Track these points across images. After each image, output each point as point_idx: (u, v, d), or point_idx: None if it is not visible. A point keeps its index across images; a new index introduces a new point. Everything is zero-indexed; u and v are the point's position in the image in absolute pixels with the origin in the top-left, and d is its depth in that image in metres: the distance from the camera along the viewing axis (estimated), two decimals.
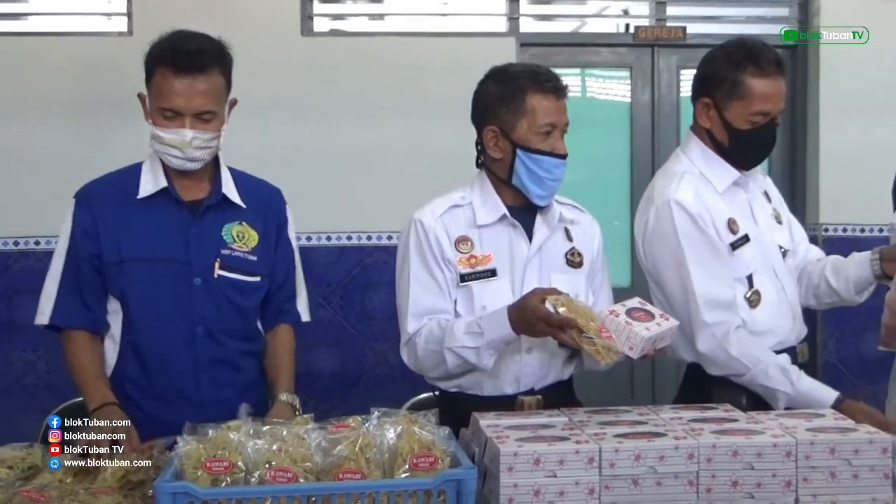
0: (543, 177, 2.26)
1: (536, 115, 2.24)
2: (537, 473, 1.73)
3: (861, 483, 1.80)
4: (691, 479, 1.77)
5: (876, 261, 2.40)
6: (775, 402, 2.28)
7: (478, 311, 2.23)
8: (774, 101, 2.37)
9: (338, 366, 4.59)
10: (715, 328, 2.30)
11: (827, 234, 4.85)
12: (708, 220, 2.37)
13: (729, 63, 2.38)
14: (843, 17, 4.86)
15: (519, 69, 2.31)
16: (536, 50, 4.91)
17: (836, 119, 4.85)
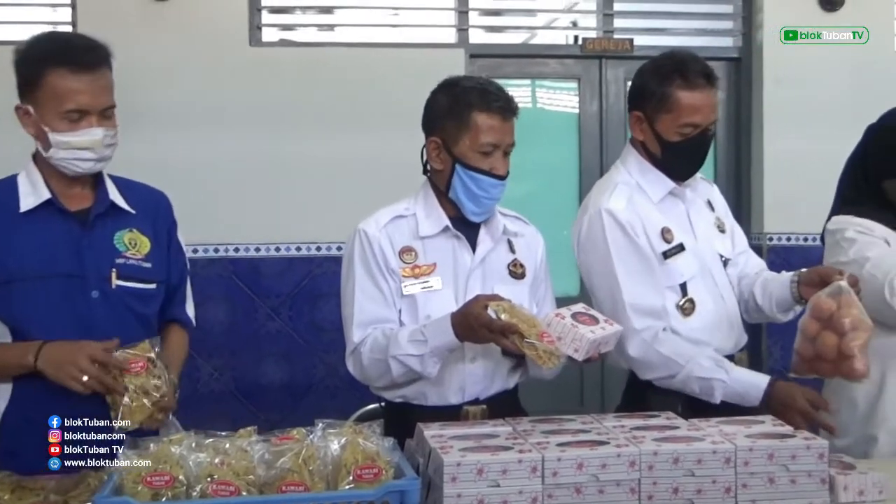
0: (479, 195, 2.27)
1: (479, 134, 2.24)
2: (481, 483, 1.73)
3: (798, 488, 1.83)
4: (633, 486, 1.79)
5: (795, 283, 2.41)
6: (713, 395, 2.30)
7: (422, 320, 2.23)
8: (704, 113, 2.40)
9: (287, 377, 4.57)
10: (644, 333, 2.34)
11: (771, 242, 4.93)
12: (639, 230, 2.40)
13: (658, 76, 2.41)
14: (785, 29, 4.96)
15: (471, 84, 2.30)
16: (485, 61, 4.94)
17: (780, 129, 4.94)
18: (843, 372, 2.11)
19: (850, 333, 2.08)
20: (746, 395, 2.29)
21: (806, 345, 2.15)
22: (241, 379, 4.51)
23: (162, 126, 4.44)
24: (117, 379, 2.03)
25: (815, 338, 2.13)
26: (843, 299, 2.12)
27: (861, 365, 2.08)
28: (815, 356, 2.15)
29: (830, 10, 4.97)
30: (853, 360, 2.07)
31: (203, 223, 4.43)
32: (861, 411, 2.50)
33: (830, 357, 2.09)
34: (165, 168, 3.23)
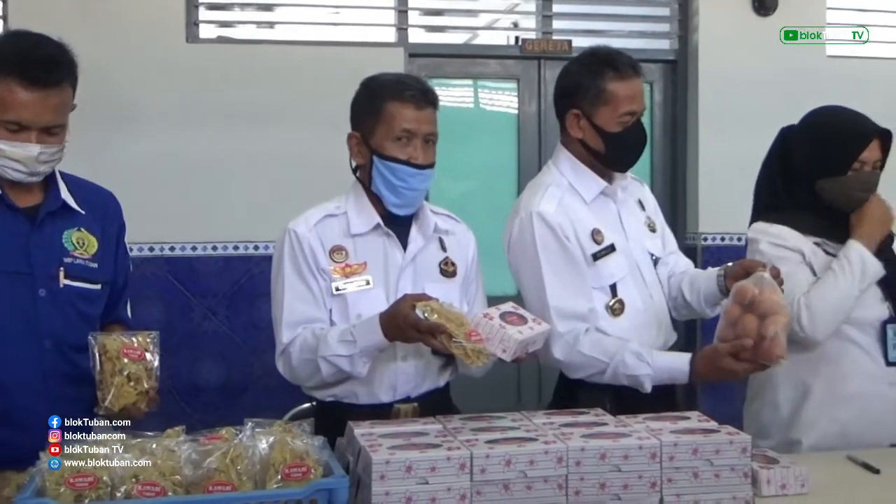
0: (398, 185, 2.28)
1: (392, 122, 2.26)
2: (409, 481, 1.74)
3: (722, 482, 1.87)
4: (560, 482, 1.80)
5: (721, 277, 2.47)
6: (642, 387, 2.34)
7: (353, 319, 2.23)
8: (638, 101, 2.47)
9: (224, 377, 4.52)
10: (567, 336, 2.37)
11: (706, 242, 5.01)
12: (569, 232, 2.42)
13: (589, 72, 2.46)
14: (720, 32, 5.05)
15: (386, 77, 2.33)
16: (425, 61, 4.95)
17: (715, 130, 5.01)
18: (762, 353, 2.15)
19: (770, 317, 2.13)
20: (674, 378, 2.35)
21: (727, 329, 2.20)
22: (176, 379, 4.44)
23: (95, 123, 4.33)
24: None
25: (736, 322, 2.17)
26: (765, 287, 2.18)
27: (779, 347, 2.13)
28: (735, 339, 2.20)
29: (763, 14, 5.07)
30: (771, 342, 2.12)
31: (138, 222, 4.25)
32: (784, 415, 2.56)
33: (752, 337, 2.14)
34: (98, 165, 3.16)
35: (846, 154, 2.50)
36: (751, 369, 2.23)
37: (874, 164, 2.53)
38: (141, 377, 2.05)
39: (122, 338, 2.06)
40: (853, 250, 2.47)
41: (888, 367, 2.52)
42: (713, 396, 4.60)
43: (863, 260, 2.46)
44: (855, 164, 2.50)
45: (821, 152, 2.53)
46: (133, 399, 2.04)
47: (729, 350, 2.19)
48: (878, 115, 2.62)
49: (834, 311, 2.44)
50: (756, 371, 2.25)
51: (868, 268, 2.46)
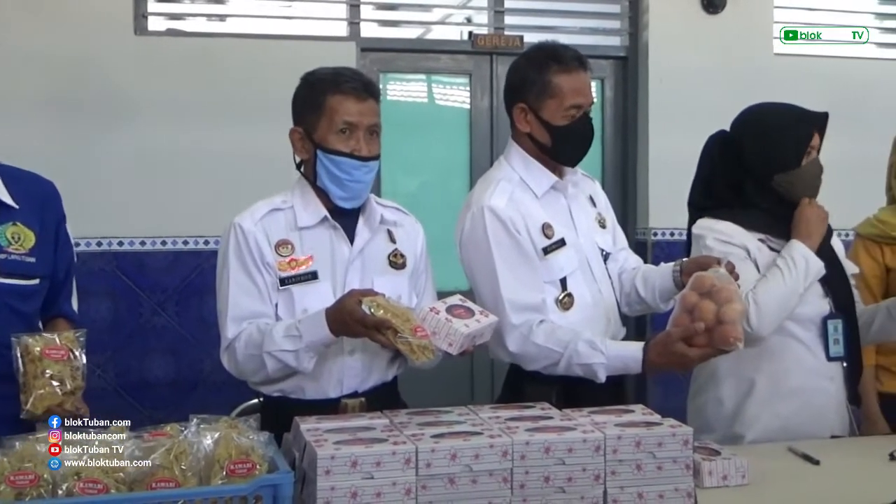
0: (343, 178, 2.27)
1: (334, 115, 2.26)
2: (354, 476, 1.74)
3: (664, 474, 1.88)
4: (505, 475, 1.81)
5: (677, 272, 2.51)
6: (596, 376, 2.35)
7: (299, 314, 2.23)
8: (584, 94, 2.49)
9: (173, 373, 4.48)
10: (521, 327, 2.38)
11: (656, 237, 5.06)
12: (521, 226, 2.44)
13: (535, 66, 2.48)
14: (670, 30, 5.10)
15: (325, 71, 2.33)
16: (377, 55, 4.94)
17: (664, 127, 5.06)
18: (718, 338, 2.17)
19: (727, 305, 2.16)
20: (627, 367, 2.35)
21: (683, 316, 2.22)
22: (125, 375, 4.41)
23: (41, 116, 4.30)
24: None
25: (693, 309, 2.20)
26: (722, 277, 2.22)
27: (737, 332, 2.15)
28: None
29: (713, 12, 5.13)
30: (729, 327, 2.15)
31: (85, 216, 4.26)
32: (727, 410, 2.60)
33: (708, 323, 2.16)
34: (45, 159, 3.11)
35: (799, 145, 2.55)
36: (705, 355, 2.23)
37: (817, 149, 2.60)
38: (65, 377, 2.03)
39: (46, 337, 2.03)
40: (796, 250, 2.51)
41: (829, 361, 2.58)
42: (663, 391, 4.66)
43: (806, 259, 2.50)
44: (806, 151, 2.56)
45: (774, 148, 2.57)
46: (57, 400, 2.01)
47: (681, 335, 2.20)
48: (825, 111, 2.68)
49: (780, 308, 2.48)
50: (710, 357, 2.25)
51: (811, 266, 2.50)
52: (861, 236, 2.99)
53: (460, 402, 2.14)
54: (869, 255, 2.93)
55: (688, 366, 2.29)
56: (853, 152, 4.69)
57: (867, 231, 2.97)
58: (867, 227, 2.99)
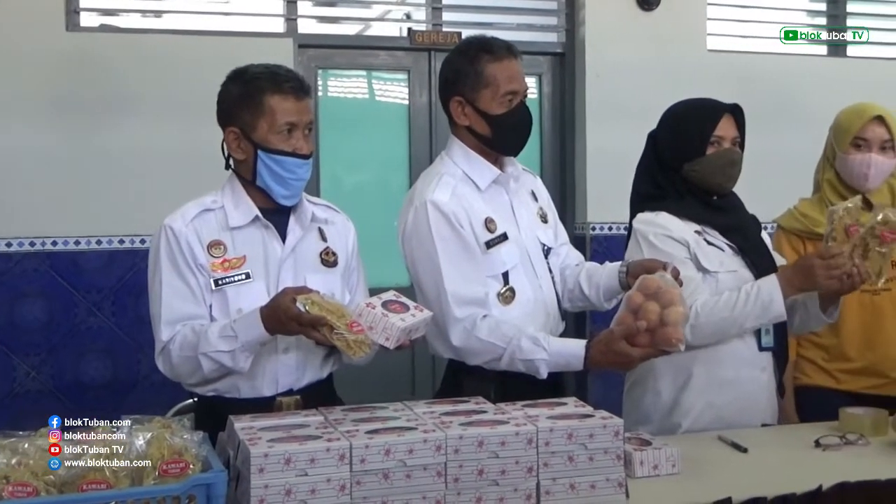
0: (286, 177, 2.28)
1: (275, 116, 2.26)
2: (288, 473, 1.74)
3: (596, 465, 1.92)
4: (439, 469, 1.83)
5: (623, 272, 2.54)
6: (538, 372, 2.37)
7: (233, 314, 2.22)
8: (518, 81, 2.52)
9: (110, 375, 4.42)
10: (465, 321, 2.40)
11: (594, 232, 5.11)
12: (464, 220, 2.45)
13: (466, 58, 2.51)
14: (606, 26, 5.16)
15: (259, 70, 2.32)
16: (315, 51, 4.92)
17: (601, 123, 5.11)
18: (661, 338, 2.20)
19: (671, 307, 2.20)
20: (569, 364, 2.37)
21: (627, 315, 2.25)
22: (60, 377, 4.33)
23: None
24: None
25: (637, 310, 2.23)
26: (667, 282, 2.26)
27: (679, 333, 2.19)
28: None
29: (647, 9, 5.19)
30: (671, 328, 2.19)
31: (18, 215, 4.25)
32: (665, 401, 2.64)
33: (652, 324, 2.19)
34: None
35: (702, 132, 2.60)
36: (646, 355, 2.26)
37: (732, 140, 2.63)
38: None
39: None
40: (766, 290, 2.52)
41: (761, 352, 2.63)
42: (603, 384, 4.72)
43: (771, 300, 2.51)
44: (713, 140, 2.60)
45: (679, 137, 2.63)
46: None
47: (624, 333, 2.22)
48: (756, 107, 2.75)
49: (716, 331, 2.53)
50: (651, 357, 2.29)
51: (772, 310, 2.52)
52: (784, 229, 3.05)
53: (402, 399, 2.15)
54: (793, 249, 2.99)
55: (629, 365, 2.31)
56: (783, 146, 4.80)
57: (791, 225, 3.04)
58: (790, 220, 3.05)
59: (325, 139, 4.94)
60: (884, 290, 2.90)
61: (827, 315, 2.64)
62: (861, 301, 2.84)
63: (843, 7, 5.78)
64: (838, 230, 2.50)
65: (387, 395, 2.42)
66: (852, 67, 5.58)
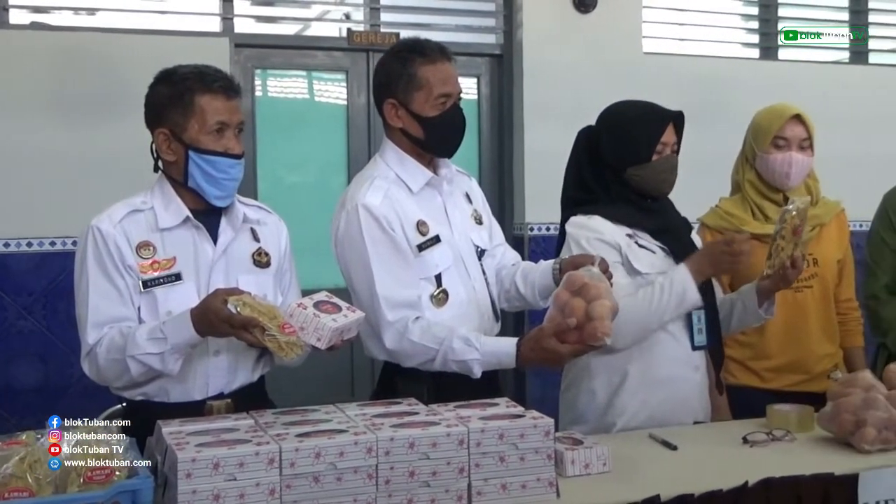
0: (219, 177, 2.27)
1: (206, 116, 2.24)
2: (217, 478, 1.72)
3: (527, 465, 1.93)
4: (370, 472, 1.83)
5: (556, 270, 2.56)
6: (472, 372, 2.37)
7: (163, 316, 2.20)
8: (451, 83, 2.52)
9: (42, 379, 4.34)
10: (397, 324, 2.40)
11: (532, 232, 5.15)
12: (396, 223, 2.45)
13: (399, 61, 2.50)
14: (543, 28, 5.21)
15: (187, 70, 2.30)
16: (252, 51, 4.89)
17: (539, 123, 5.16)
18: (587, 333, 2.21)
19: (596, 301, 2.21)
20: (501, 363, 2.38)
21: (555, 313, 2.26)
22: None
23: None
24: None
25: (564, 306, 2.24)
26: (594, 276, 2.27)
27: (604, 327, 2.20)
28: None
29: (584, 10, 5.25)
30: (597, 322, 2.20)
31: None
32: (600, 400, 2.66)
33: (579, 320, 2.20)
34: None
35: (650, 139, 2.62)
36: (575, 351, 2.27)
37: (672, 147, 2.67)
38: None
39: None
40: (678, 278, 2.56)
41: (693, 351, 2.67)
42: (541, 383, 4.75)
43: (685, 289, 2.55)
44: (658, 148, 2.63)
45: (626, 141, 2.64)
46: None
47: (553, 330, 2.23)
48: (690, 109, 2.77)
49: (638, 329, 2.55)
50: (581, 353, 2.30)
51: (687, 299, 2.55)
52: (709, 227, 3.10)
53: (341, 401, 2.14)
54: None
55: (560, 362, 2.33)
56: (715, 146, 4.86)
57: (716, 223, 3.09)
58: (715, 218, 3.11)
59: (262, 140, 4.91)
60: (805, 288, 2.97)
61: (763, 311, 2.69)
62: (784, 298, 2.90)
63: (775, 11, 5.90)
64: (787, 230, 2.56)
65: (326, 396, 2.41)
66: (783, 70, 5.71)
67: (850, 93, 5.68)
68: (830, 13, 6.18)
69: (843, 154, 5.05)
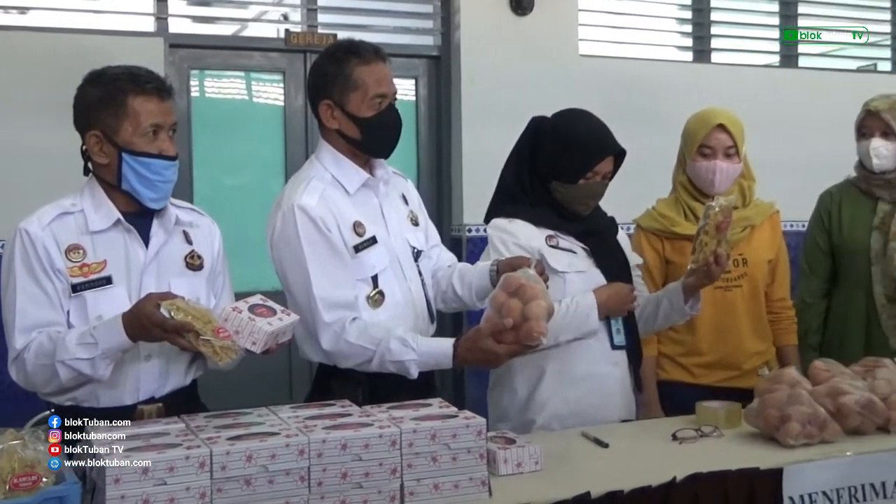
0: (153, 179, 2.24)
1: (139, 117, 2.22)
2: (146, 483, 1.71)
3: (459, 464, 1.95)
4: (302, 474, 1.83)
5: (493, 271, 2.57)
6: (409, 373, 2.38)
7: (93, 321, 2.17)
8: (386, 84, 2.52)
9: None
10: (334, 325, 2.40)
11: (470, 233, 5.18)
12: (332, 224, 2.45)
13: (334, 62, 2.51)
14: (480, 30, 5.24)
15: (118, 71, 2.27)
16: (187, 51, 4.84)
17: (477, 125, 5.19)
18: (524, 333, 2.23)
19: (532, 302, 2.23)
20: (438, 363, 2.39)
21: (492, 314, 2.28)
22: None
23: None
24: None
25: (501, 307, 2.26)
26: (530, 278, 2.29)
27: (540, 327, 2.22)
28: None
29: (521, 13, 5.30)
30: (533, 323, 2.22)
31: None
32: (521, 398, 2.70)
33: (515, 320, 2.22)
34: None
35: (582, 166, 2.65)
36: (512, 351, 2.29)
37: (605, 175, 2.70)
38: None
39: None
40: (585, 307, 2.60)
41: (613, 350, 2.72)
42: (479, 382, 4.77)
43: (588, 317, 2.61)
44: (588, 174, 2.66)
45: (560, 158, 2.67)
46: None
47: (489, 331, 2.25)
48: (624, 110, 2.83)
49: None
50: (518, 353, 2.32)
51: (587, 326, 2.61)
52: (643, 229, 3.17)
53: (281, 403, 2.14)
54: (652, 248, 3.11)
55: (497, 362, 2.35)
56: (648, 148, 4.94)
57: (649, 224, 3.15)
58: (649, 219, 3.17)
59: (199, 141, 4.86)
60: (735, 287, 3.04)
61: (689, 307, 2.75)
62: (713, 297, 2.97)
63: (708, 15, 6.01)
64: (711, 225, 2.61)
65: (265, 399, 2.40)
66: (716, 73, 5.81)
67: (782, 95, 5.80)
68: (762, 17, 6.32)
69: (777, 155, 5.15)
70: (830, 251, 3.40)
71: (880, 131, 3.24)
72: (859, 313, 3.32)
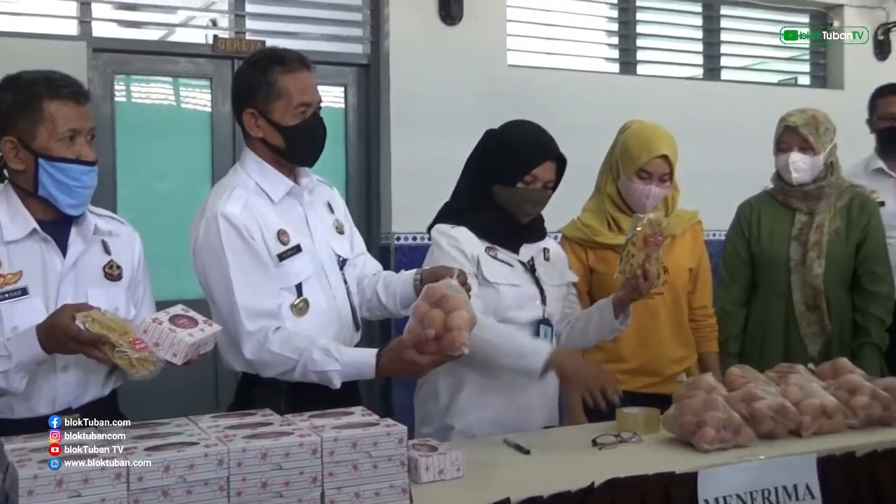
0: (72, 185, 2.21)
1: (56, 122, 2.19)
2: (60, 495, 1.68)
3: (380, 472, 1.95)
4: (222, 484, 1.82)
5: (417, 280, 2.60)
6: (332, 382, 2.38)
7: (8, 332, 2.12)
8: (310, 93, 2.52)
9: None
10: (257, 334, 2.39)
11: (398, 242, 5.19)
12: (255, 233, 2.44)
13: (258, 70, 2.50)
14: (410, 39, 5.26)
15: (34, 76, 2.24)
16: (111, 56, 4.77)
17: (406, 134, 5.22)
18: (446, 344, 2.24)
19: (455, 312, 2.25)
20: (361, 374, 2.39)
21: (414, 324, 2.29)
22: None
23: None
24: None
25: (423, 318, 2.27)
26: (452, 288, 2.31)
27: (462, 337, 2.24)
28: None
29: (450, 23, 5.34)
30: (455, 333, 2.23)
31: None
32: (442, 403, 2.73)
33: (437, 331, 2.23)
34: None
35: (519, 168, 2.70)
36: (434, 362, 2.30)
37: (546, 182, 2.74)
38: None
39: None
40: (535, 352, 2.61)
41: None
42: (405, 390, 4.78)
43: (536, 364, 2.59)
44: (527, 178, 2.70)
45: (499, 160, 2.72)
46: None
47: (412, 341, 2.26)
48: (552, 121, 2.85)
49: (477, 347, 2.52)
50: (440, 364, 2.33)
51: (526, 365, 2.60)
52: (568, 238, 3.22)
53: (205, 413, 2.12)
54: (575, 257, 3.16)
55: (419, 373, 2.36)
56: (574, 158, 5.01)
57: (573, 234, 3.21)
58: (573, 229, 3.22)
59: (123, 147, 4.80)
60: (657, 294, 3.11)
61: (619, 322, 2.80)
62: (636, 305, 3.03)
63: (634, 28, 6.12)
64: (639, 237, 2.66)
65: (189, 409, 2.37)
66: (641, 85, 5.92)
67: (705, 107, 5.93)
68: (686, 31, 6.46)
69: (700, 166, 5.25)
70: (750, 260, 3.49)
71: (798, 146, 3.35)
72: (778, 321, 3.42)
